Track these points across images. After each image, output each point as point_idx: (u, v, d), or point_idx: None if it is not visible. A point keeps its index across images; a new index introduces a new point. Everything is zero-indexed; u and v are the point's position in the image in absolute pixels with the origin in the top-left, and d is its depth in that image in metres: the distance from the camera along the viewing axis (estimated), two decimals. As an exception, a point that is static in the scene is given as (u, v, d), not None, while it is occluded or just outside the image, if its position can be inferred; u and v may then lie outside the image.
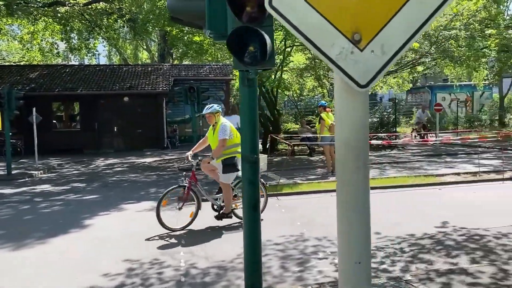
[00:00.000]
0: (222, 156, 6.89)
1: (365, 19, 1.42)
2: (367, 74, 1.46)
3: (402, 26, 1.42)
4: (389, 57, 1.45)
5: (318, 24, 1.45)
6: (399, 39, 1.44)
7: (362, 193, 1.59)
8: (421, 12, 1.41)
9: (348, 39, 1.45)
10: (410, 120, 29.93)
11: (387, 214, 7.54)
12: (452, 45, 16.94)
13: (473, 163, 12.73)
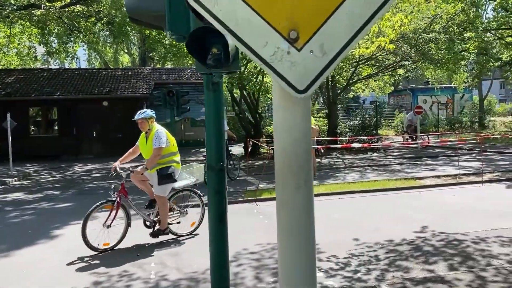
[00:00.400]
0: (157, 166, 6.27)
1: (303, 14, 1.24)
2: (306, 77, 1.28)
3: (344, 23, 1.25)
4: (330, 58, 1.27)
5: (249, 20, 1.27)
6: (341, 37, 1.26)
7: (305, 216, 1.37)
8: (366, 7, 1.24)
9: (283, 38, 1.26)
10: (392, 122, 30.12)
11: (367, 219, 7.44)
12: (431, 48, 17.05)
13: (453, 166, 12.76)
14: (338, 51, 1.26)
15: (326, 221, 7.39)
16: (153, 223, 6.52)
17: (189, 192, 6.97)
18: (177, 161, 6.50)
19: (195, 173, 7.06)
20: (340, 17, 1.24)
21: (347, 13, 1.24)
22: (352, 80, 19.30)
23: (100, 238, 6.08)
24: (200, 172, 7.11)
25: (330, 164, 15.05)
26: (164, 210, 6.39)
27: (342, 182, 11.00)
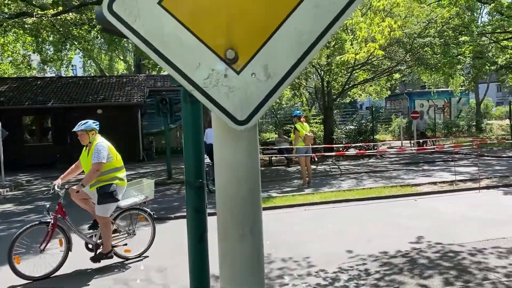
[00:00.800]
0: (97, 184, 5.61)
1: (242, 30, 1.05)
2: (247, 105, 1.08)
3: (291, 40, 1.05)
4: (276, 82, 1.07)
5: (178, 37, 1.07)
6: (288, 58, 1.06)
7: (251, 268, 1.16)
8: (316, 23, 1.05)
9: (219, 58, 1.07)
10: (389, 127, 29.99)
11: (361, 229, 7.26)
12: (427, 52, 16.93)
13: (450, 171, 12.60)
14: (285, 73, 1.07)
15: (319, 232, 7.21)
16: (95, 245, 5.84)
17: (138, 211, 6.32)
18: (121, 178, 5.86)
19: (145, 190, 6.41)
20: (286, 34, 1.05)
21: (294, 30, 1.04)
22: (348, 85, 19.15)
23: (35, 265, 5.47)
24: (150, 189, 6.43)
25: (326, 171, 14.87)
26: (106, 232, 5.74)
27: (337, 190, 10.82)
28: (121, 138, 21.14)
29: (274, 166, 16.68)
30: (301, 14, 1.04)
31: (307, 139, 11.69)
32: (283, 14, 1.05)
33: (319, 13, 1.04)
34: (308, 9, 1.04)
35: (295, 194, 10.35)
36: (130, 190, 6.19)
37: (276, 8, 1.04)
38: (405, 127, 26.71)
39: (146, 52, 1.07)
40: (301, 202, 9.43)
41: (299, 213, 8.69)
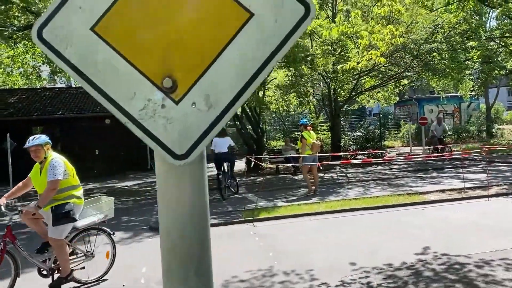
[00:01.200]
0: (52, 203, 5.12)
1: (181, 57, 0.98)
2: (187, 138, 1.00)
3: (234, 67, 0.98)
4: (218, 112, 0.98)
5: (112, 65, 1.01)
6: (232, 86, 0.99)
7: None
8: (260, 49, 0.97)
9: (156, 87, 0.99)
10: (398, 133, 29.75)
11: (367, 239, 7.13)
12: (435, 58, 16.78)
13: (459, 178, 12.38)
14: (228, 102, 0.99)
15: (323, 243, 7.10)
16: (50, 271, 5.34)
17: (96, 231, 5.83)
18: (78, 196, 5.40)
19: (104, 208, 5.98)
20: (229, 61, 0.97)
21: (237, 57, 0.98)
22: (355, 92, 19.04)
23: None
24: (109, 207, 5.98)
25: (333, 179, 14.73)
26: (63, 255, 5.26)
27: (344, 198, 10.68)
28: (129, 148, 21.31)
29: (281, 174, 16.58)
30: (244, 40, 0.98)
31: (314, 147, 11.61)
32: (225, 40, 0.98)
33: (264, 39, 0.97)
34: (251, 34, 0.98)
35: (301, 203, 10.24)
36: (87, 209, 5.75)
37: (217, 34, 0.98)
38: (414, 133, 26.47)
39: (79, 82, 1.01)
40: (306, 211, 9.32)
41: (304, 223, 8.59)
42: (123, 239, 8.23)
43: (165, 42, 0.98)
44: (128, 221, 9.96)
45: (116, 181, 18.49)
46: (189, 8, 0.96)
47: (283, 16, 0.96)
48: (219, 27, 0.97)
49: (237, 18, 0.97)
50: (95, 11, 0.97)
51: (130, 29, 0.98)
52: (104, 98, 1.02)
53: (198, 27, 0.97)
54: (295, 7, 0.96)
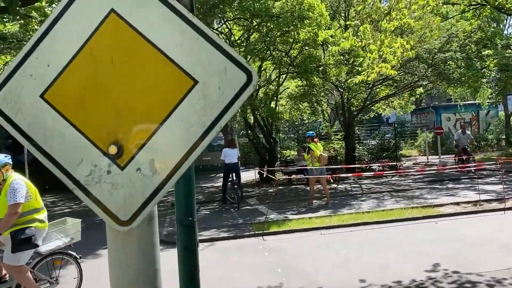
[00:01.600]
0: (12, 227, 4.72)
1: (126, 123, 0.99)
2: (131, 204, 1.00)
3: (179, 133, 0.99)
4: (163, 178, 0.99)
5: (60, 131, 1.02)
6: (176, 151, 1.00)
7: None
8: (205, 114, 0.98)
9: (103, 153, 1.01)
10: (415, 142, 29.38)
11: (377, 254, 7.03)
12: (450, 66, 16.56)
13: (475, 190, 12.12)
14: (172, 168, 1.00)
15: (333, 258, 7.02)
16: None
17: (62, 255, 5.46)
18: (41, 220, 5.06)
19: (69, 231, 5.66)
20: (173, 126, 0.98)
21: (182, 122, 0.98)
22: (369, 101, 18.90)
23: None
24: (76, 229, 5.65)
25: (346, 190, 14.60)
26: (25, 279, 4.88)
27: (356, 211, 10.56)
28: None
29: (294, 185, 16.50)
30: (188, 106, 0.98)
31: (322, 159, 11.64)
32: (170, 106, 0.99)
33: (208, 104, 0.98)
34: (195, 101, 0.98)
35: (312, 216, 10.15)
36: (52, 233, 5.43)
37: (162, 101, 0.99)
38: (431, 142, 26.09)
39: (28, 148, 1.02)
40: (317, 225, 9.24)
41: (315, 237, 8.50)
42: None
43: (111, 109, 1.00)
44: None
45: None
46: (135, 76, 0.98)
47: (226, 83, 0.96)
48: (164, 94, 0.99)
49: (182, 85, 0.98)
50: (45, 79, 0.99)
51: (78, 97, 1.00)
52: (52, 164, 1.03)
53: (144, 94, 0.99)
54: (238, 75, 0.96)
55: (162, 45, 0.99)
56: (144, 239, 1.05)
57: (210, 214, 12.05)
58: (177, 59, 0.99)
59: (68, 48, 0.99)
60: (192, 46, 0.98)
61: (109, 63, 0.98)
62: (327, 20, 13.65)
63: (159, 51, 0.99)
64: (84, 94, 1.00)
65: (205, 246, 8.39)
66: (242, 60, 0.98)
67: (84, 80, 0.99)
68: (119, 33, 0.98)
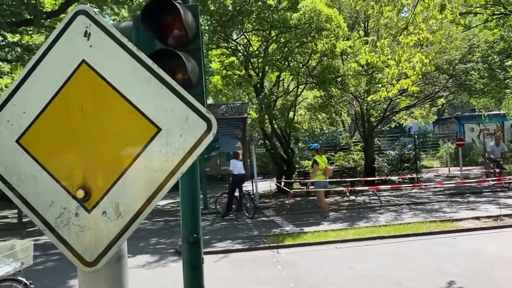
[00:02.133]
0: None
1: (95, 169, 1.03)
2: (97, 245, 1.04)
3: (143, 177, 1.03)
4: (127, 221, 1.04)
5: (33, 175, 1.06)
6: (140, 195, 1.04)
7: None
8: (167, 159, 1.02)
9: (72, 196, 1.05)
10: (437, 153, 28.89)
11: (391, 271, 6.92)
12: (473, 76, 16.28)
13: (497, 203, 11.84)
14: (136, 211, 1.04)
15: (347, 273, 6.94)
16: None
17: (11, 282, 5.14)
18: None
19: (19, 255, 5.28)
20: (137, 172, 1.03)
21: (145, 168, 1.03)
22: (389, 112, 18.72)
23: None
24: (27, 253, 5.31)
25: (365, 202, 14.44)
26: None
27: (373, 225, 10.43)
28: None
29: (312, 197, 16.40)
30: (151, 152, 1.04)
31: (327, 172, 11.82)
32: (135, 152, 1.04)
33: (170, 151, 1.02)
34: (158, 147, 1.03)
35: (328, 229, 10.07)
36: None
37: (128, 147, 1.03)
38: (454, 153, 25.61)
39: (4, 190, 1.08)
40: (332, 238, 9.16)
41: (330, 251, 8.43)
42: (149, 263, 8.36)
43: (81, 155, 1.05)
44: (156, 244, 10.12)
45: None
46: (103, 123, 1.03)
47: (187, 131, 1.01)
48: (130, 141, 1.04)
49: (146, 132, 1.03)
50: (21, 125, 1.05)
51: (50, 142, 1.05)
52: (25, 206, 1.09)
53: (111, 141, 1.04)
54: (198, 123, 1.01)
55: (129, 94, 1.04)
56: (112, 278, 1.09)
57: (226, 225, 12.08)
58: (142, 107, 1.04)
59: (43, 96, 1.05)
60: (156, 95, 1.03)
61: (80, 110, 1.03)
62: (345, 31, 13.62)
63: (125, 99, 1.04)
64: (56, 139, 1.06)
65: (219, 257, 8.42)
66: (203, 109, 1.03)
67: (57, 127, 1.05)
68: (89, 82, 1.04)
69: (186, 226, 3.37)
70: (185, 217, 3.38)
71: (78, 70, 1.05)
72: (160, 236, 10.86)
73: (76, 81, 1.05)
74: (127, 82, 1.04)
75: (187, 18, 2.97)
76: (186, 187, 3.38)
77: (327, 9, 12.64)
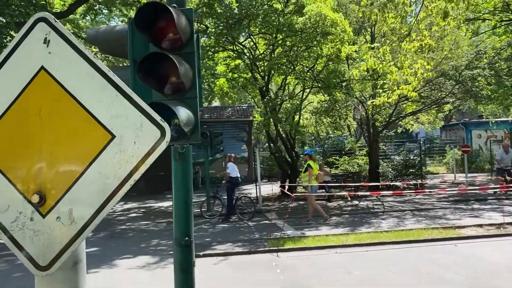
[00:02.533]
0: None
1: (51, 174, 1.04)
2: (50, 250, 1.05)
3: (96, 184, 1.04)
4: (80, 226, 1.06)
5: None
6: (93, 201, 1.05)
7: None
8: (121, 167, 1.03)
9: (27, 201, 1.07)
10: (443, 159, 28.72)
11: (390, 278, 6.88)
12: (480, 83, 16.18)
13: (502, 211, 11.74)
14: (89, 217, 1.06)
15: (345, 279, 6.92)
16: None
17: None
18: None
19: None
20: (91, 178, 1.05)
21: (99, 175, 1.04)
22: (394, 117, 18.65)
23: None
24: None
25: (368, 207, 14.38)
26: None
27: (375, 230, 10.39)
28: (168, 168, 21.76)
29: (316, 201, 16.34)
30: (105, 159, 1.05)
31: (319, 177, 12.19)
32: (89, 159, 1.05)
33: (123, 158, 1.03)
34: (112, 154, 1.04)
35: (329, 234, 10.04)
36: None
37: (82, 153, 1.05)
38: (460, 160, 25.44)
39: None
40: (333, 243, 9.13)
41: (330, 256, 8.40)
42: (149, 264, 8.38)
43: (37, 160, 1.06)
44: (157, 245, 10.15)
45: (154, 201, 18.91)
46: (59, 129, 1.05)
47: (141, 138, 1.03)
48: (84, 147, 1.06)
49: (100, 139, 1.04)
50: None
51: (8, 146, 1.07)
52: None
53: (66, 147, 1.06)
54: (152, 131, 1.02)
55: (84, 100, 1.06)
56: (68, 283, 1.10)
57: (228, 227, 12.09)
58: (97, 114, 1.06)
59: (1, 102, 1.07)
60: (112, 102, 1.05)
61: (37, 116, 1.05)
62: (351, 36, 13.60)
63: (81, 106, 1.06)
64: (14, 144, 1.07)
65: (219, 260, 8.42)
66: (157, 117, 1.04)
67: (15, 132, 1.07)
68: (47, 88, 1.05)
69: (178, 229, 3.38)
70: (177, 220, 3.39)
71: (37, 76, 1.07)
72: (161, 238, 10.89)
73: (34, 87, 1.07)
74: (84, 88, 1.06)
75: (181, 22, 2.99)
76: (179, 190, 3.39)
77: (332, 14, 12.62)
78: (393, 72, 7.26)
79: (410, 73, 7.04)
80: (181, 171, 3.40)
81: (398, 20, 6.80)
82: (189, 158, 3.40)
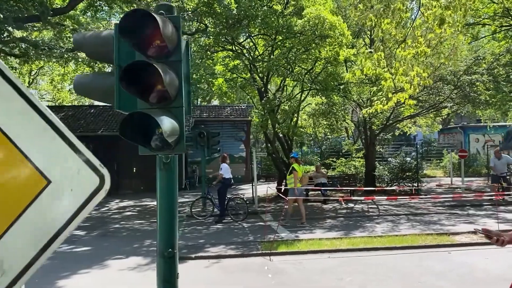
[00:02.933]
0: None
1: None
2: None
3: (30, 232, 1.00)
4: (11, 278, 1.00)
5: None
6: (25, 253, 1.00)
7: None
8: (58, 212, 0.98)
9: None
10: (441, 162, 28.71)
11: (382, 283, 6.87)
12: (479, 88, 16.15)
13: (498, 218, 11.72)
14: (22, 268, 1.01)
15: (336, 285, 6.89)
16: None
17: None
18: None
19: None
20: (24, 227, 1.00)
21: (33, 223, 0.99)
22: (391, 120, 18.61)
23: None
24: None
25: (363, 211, 14.36)
26: None
27: (369, 234, 10.37)
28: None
29: (310, 202, 16.33)
30: (40, 206, 1.00)
31: (304, 180, 12.31)
32: (22, 205, 1.00)
33: (59, 206, 0.98)
34: (46, 201, 0.99)
35: (322, 237, 10.01)
36: None
37: (15, 199, 1.00)
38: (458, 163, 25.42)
39: None
40: (326, 247, 9.10)
41: (322, 260, 8.37)
42: (140, 265, 8.36)
43: None
44: (150, 246, 10.12)
45: (150, 199, 18.87)
46: None
47: (79, 185, 0.98)
48: (17, 193, 1.00)
49: (35, 184, 0.99)
50: None
51: None
52: None
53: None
54: (91, 178, 0.98)
55: (20, 141, 1.01)
56: None
57: (223, 229, 12.06)
58: (33, 157, 1.01)
59: None
60: (49, 146, 1.00)
61: None
62: (349, 39, 13.55)
63: (16, 147, 1.01)
64: None
65: (210, 263, 8.40)
66: (96, 163, 0.99)
67: None
68: None
69: (162, 240, 3.34)
70: (161, 231, 3.35)
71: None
72: (154, 238, 10.81)
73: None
74: (19, 129, 1.00)
75: (167, 30, 2.95)
76: (164, 199, 3.36)
77: (331, 17, 12.57)
78: (387, 79, 7.22)
79: (405, 80, 7.00)
80: (166, 181, 3.36)
81: (393, 25, 6.76)
82: (174, 167, 3.36)
